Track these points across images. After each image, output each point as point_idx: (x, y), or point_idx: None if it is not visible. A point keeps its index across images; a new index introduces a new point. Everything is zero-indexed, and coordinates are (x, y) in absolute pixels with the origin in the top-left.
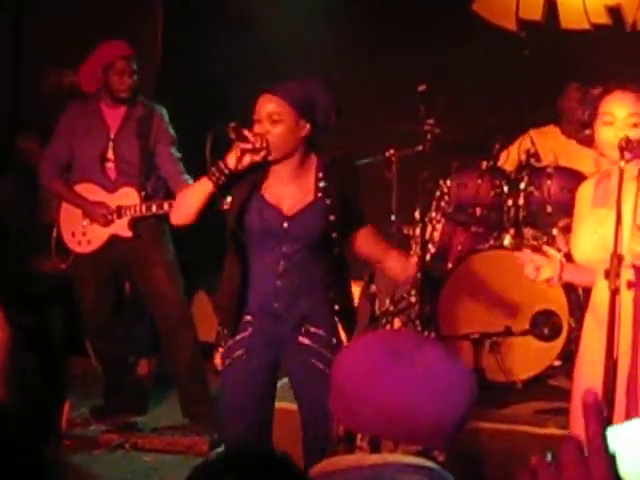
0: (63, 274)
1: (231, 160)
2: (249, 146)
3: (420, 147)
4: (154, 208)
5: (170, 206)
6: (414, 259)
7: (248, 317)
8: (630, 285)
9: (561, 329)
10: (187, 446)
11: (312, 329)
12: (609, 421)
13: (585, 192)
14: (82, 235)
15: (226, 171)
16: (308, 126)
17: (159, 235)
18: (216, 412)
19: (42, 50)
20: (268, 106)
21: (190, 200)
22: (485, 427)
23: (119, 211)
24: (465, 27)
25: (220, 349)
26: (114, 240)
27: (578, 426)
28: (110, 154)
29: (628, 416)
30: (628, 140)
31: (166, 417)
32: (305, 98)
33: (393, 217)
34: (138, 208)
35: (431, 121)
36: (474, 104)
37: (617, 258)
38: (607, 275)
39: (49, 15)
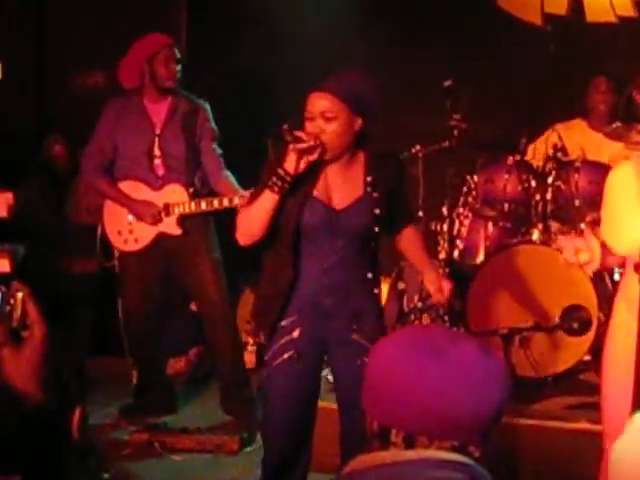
0: (92, 275)
1: (290, 165)
2: (305, 146)
3: (446, 143)
4: (204, 205)
5: (220, 203)
6: (449, 285)
7: (293, 317)
8: None
9: (591, 323)
10: (217, 445)
11: (364, 325)
12: None
13: (628, 178)
14: (129, 233)
15: (287, 178)
16: (360, 120)
17: (206, 232)
18: (254, 411)
19: (66, 51)
20: (321, 104)
21: (257, 217)
22: (516, 423)
23: (167, 209)
24: (490, 22)
25: (249, 348)
26: (162, 238)
27: (610, 420)
28: (157, 150)
29: None
30: None
31: (195, 417)
32: (355, 92)
33: (420, 213)
34: (187, 205)
35: (457, 116)
36: (500, 99)
37: None
38: (637, 268)
39: (72, 16)
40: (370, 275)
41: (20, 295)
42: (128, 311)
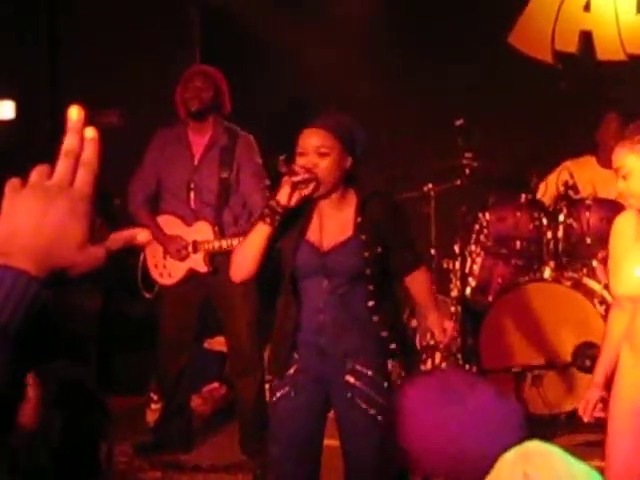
0: (95, 313)
1: (283, 197)
2: (299, 178)
3: (458, 181)
4: (224, 244)
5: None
6: (450, 325)
7: (295, 355)
8: None
9: None
10: None
11: (358, 367)
12: None
13: (626, 224)
14: (163, 267)
15: (280, 209)
16: (350, 159)
17: None
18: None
19: (80, 89)
20: (315, 139)
21: (249, 251)
22: None
23: (195, 246)
24: (501, 60)
25: None
26: (193, 274)
27: (614, 459)
28: (193, 183)
29: None
30: None
31: (209, 454)
32: (347, 130)
33: (433, 251)
34: (210, 244)
35: (469, 155)
36: (511, 137)
37: None
38: None
39: (86, 54)
40: (375, 318)
41: None
42: (163, 344)
